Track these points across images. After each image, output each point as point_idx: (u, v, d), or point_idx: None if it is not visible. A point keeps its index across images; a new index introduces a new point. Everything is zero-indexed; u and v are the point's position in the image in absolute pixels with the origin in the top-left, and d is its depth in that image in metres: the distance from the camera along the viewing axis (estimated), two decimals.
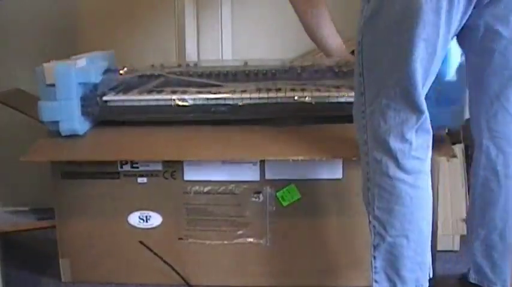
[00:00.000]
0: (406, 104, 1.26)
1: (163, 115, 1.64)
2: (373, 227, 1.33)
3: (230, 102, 1.61)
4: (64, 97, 1.57)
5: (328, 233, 1.62)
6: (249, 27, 2.10)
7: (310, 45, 1.97)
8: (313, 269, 1.64)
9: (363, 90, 1.31)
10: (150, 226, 1.65)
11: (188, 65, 1.81)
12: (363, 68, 1.30)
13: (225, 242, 1.65)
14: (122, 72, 1.72)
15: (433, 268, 1.44)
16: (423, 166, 1.30)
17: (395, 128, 1.27)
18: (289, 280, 1.65)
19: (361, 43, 1.29)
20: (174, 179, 1.63)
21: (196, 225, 1.65)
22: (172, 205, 1.64)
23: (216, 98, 1.61)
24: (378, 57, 1.27)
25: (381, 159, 1.29)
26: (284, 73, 1.71)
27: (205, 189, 1.63)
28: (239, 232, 1.64)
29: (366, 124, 1.31)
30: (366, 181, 1.33)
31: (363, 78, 1.31)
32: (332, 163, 1.58)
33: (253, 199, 1.63)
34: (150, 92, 1.66)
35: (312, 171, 1.59)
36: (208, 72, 1.72)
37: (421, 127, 1.28)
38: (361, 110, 1.33)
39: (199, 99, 1.62)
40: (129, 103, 1.64)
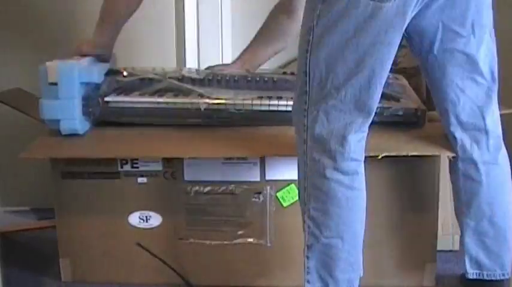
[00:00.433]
0: (354, 107, 1.27)
1: (164, 119, 1.64)
2: (308, 227, 1.34)
3: (231, 108, 1.62)
4: (66, 96, 1.57)
5: None
6: (249, 32, 2.11)
7: None
8: None
9: (308, 89, 1.30)
10: (150, 226, 1.65)
11: (190, 70, 1.83)
12: (309, 68, 1.28)
13: (225, 242, 1.65)
14: (125, 74, 1.73)
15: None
16: (359, 167, 1.32)
17: (337, 130, 1.28)
18: (289, 280, 1.65)
19: (311, 43, 1.27)
20: (175, 179, 1.63)
21: (197, 225, 1.65)
22: (172, 205, 1.64)
23: (217, 103, 1.62)
24: (330, 58, 1.25)
25: (319, 159, 1.30)
26: (285, 82, 1.72)
27: (206, 189, 1.63)
28: (239, 232, 1.64)
29: (306, 123, 1.31)
30: (303, 180, 1.34)
31: (308, 78, 1.29)
32: None
33: (254, 199, 1.63)
34: (151, 95, 1.66)
35: None
36: (210, 77, 1.73)
37: (361, 129, 1.30)
38: (303, 108, 1.31)
39: (199, 104, 1.62)
40: (130, 105, 1.64)
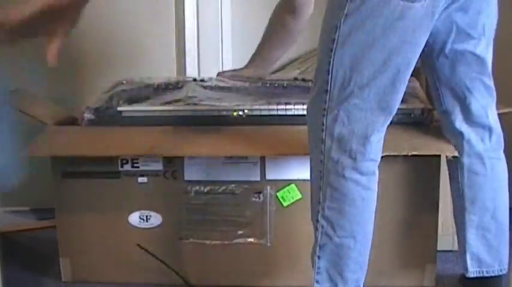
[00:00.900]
0: (377, 106, 1.27)
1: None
2: (321, 226, 1.33)
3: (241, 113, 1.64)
4: None
5: None
6: (250, 36, 2.12)
7: (309, 47, 2.00)
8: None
9: (329, 88, 1.29)
10: (150, 226, 1.65)
11: (203, 79, 1.88)
12: (332, 66, 1.27)
13: (225, 242, 1.65)
14: (136, 83, 1.78)
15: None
16: (376, 167, 1.32)
17: (359, 130, 1.28)
18: (289, 280, 1.65)
19: (336, 41, 1.26)
20: (175, 179, 1.63)
21: (197, 225, 1.65)
22: (172, 204, 1.64)
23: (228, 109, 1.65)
24: (356, 57, 1.25)
25: (338, 159, 1.29)
26: (294, 87, 1.75)
27: (206, 189, 1.63)
28: (239, 232, 1.65)
29: (325, 122, 1.30)
30: (318, 179, 1.33)
31: (330, 76, 1.28)
32: None
33: (254, 199, 1.63)
34: (164, 104, 1.68)
35: None
36: (222, 85, 1.77)
37: (381, 129, 1.30)
38: (321, 107, 1.30)
39: (212, 111, 1.65)
40: (143, 113, 1.67)
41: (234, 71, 1.92)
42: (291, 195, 1.61)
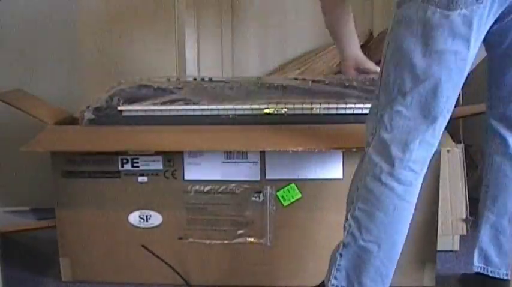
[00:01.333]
0: (420, 114, 1.27)
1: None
2: (349, 225, 1.33)
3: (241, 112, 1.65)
4: None
5: (328, 233, 1.62)
6: (249, 38, 2.13)
7: (309, 47, 2.00)
8: (313, 269, 1.64)
9: (378, 93, 1.32)
10: (150, 225, 1.65)
11: (203, 79, 1.87)
12: (382, 72, 1.31)
13: (225, 241, 1.65)
14: (136, 83, 1.77)
15: None
16: (416, 180, 1.30)
17: (400, 136, 1.28)
18: (289, 279, 1.65)
19: (386, 47, 1.30)
20: (175, 178, 1.63)
21: (197, 224, 1.65)
22: (172, 204, 1.64)
23: (228, 109, 1.66)
24: (398, 64, 1.27)
25: (377, 162, 1.29)
26: (295, 88, 1.75)
27: (206, 188, 1.63)
28: (239, 232, 1.64)
29: (375, 126, 1.32)
30: (358, 179, 1.34)
31: (380, 82, 1.32)
32: (332, 162, 1.58)
33: (254, 198, 1.63)
34: (165, 103, 1.69)
35: (313, 171, 1.60)
36: (222, 85, 1.77)
37: (425, 139, 1.29)
38: (374, 112, 1.33)
39: (214, 110, 1.65)
40: (143, 113, 1.67)
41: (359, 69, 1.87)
42: (291, 194, 1.61)
